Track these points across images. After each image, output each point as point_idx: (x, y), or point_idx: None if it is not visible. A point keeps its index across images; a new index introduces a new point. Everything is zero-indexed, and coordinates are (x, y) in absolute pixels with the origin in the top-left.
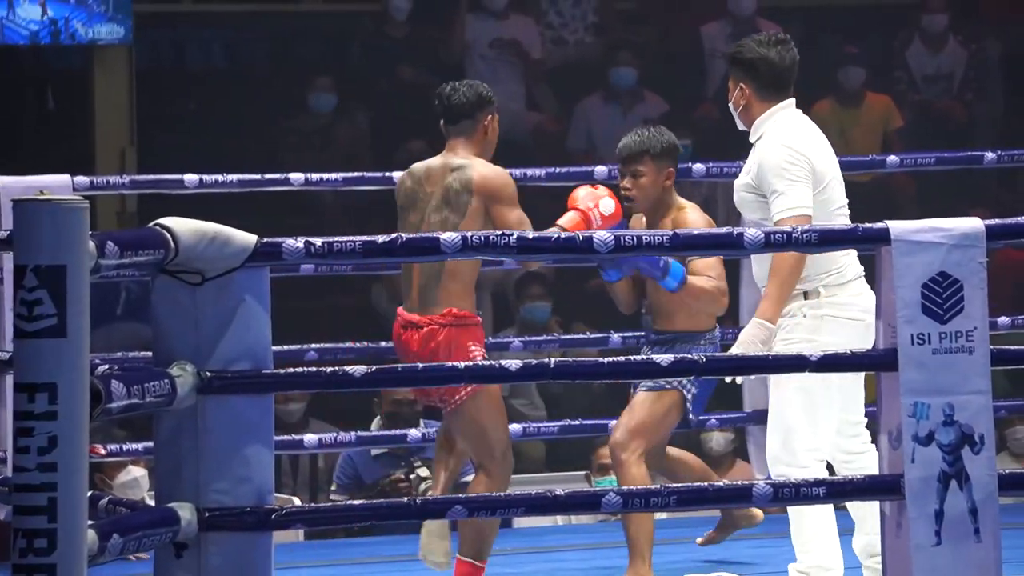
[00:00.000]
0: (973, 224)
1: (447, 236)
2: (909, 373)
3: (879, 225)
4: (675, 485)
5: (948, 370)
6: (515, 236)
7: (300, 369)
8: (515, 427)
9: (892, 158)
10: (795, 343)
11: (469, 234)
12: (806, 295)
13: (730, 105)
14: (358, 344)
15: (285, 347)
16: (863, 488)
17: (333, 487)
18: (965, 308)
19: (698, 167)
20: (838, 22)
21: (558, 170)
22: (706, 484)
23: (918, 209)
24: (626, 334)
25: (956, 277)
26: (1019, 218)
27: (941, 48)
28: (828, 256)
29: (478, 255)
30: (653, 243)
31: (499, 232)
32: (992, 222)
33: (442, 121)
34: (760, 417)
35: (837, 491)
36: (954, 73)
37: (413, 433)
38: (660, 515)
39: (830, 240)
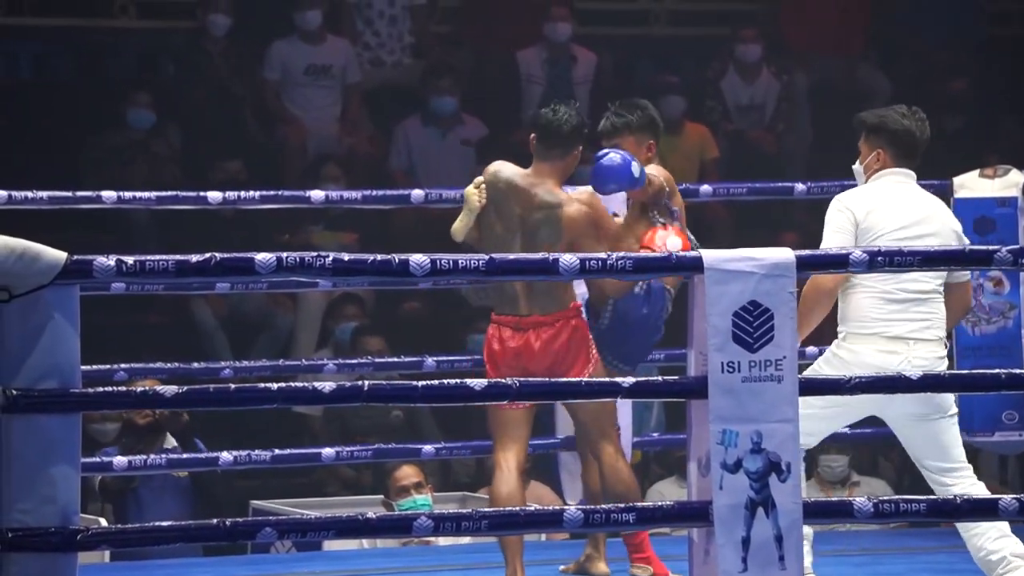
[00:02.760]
0: (784, 254)
1: (262, 257)
2: (718, 400)
3: (692, 254)
4: (487, 510)
5: (757, 398)
6: (331, 258)
7: (109, 388)
8: (328, 451)
9: (706, 187)
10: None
11: (284, 255)
12: (839, 336)
13: (859, 166)
14: (168, 365)
15: (94, 367)
16: (672, 515)
17: None
18: (775, 337)
19: None
20: (653, 51)
21: (375, 192)
22: (518, 509)
23: (733, 237)
24: (440, 358)
25: (767, 306)
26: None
27: (755, 79)
28: (856, 309)
29: (293, 276)
30: (469, 267)
31: (315, 254)
32: (802, 252)
33: (534, 137)
34: (570, 443)
35: (647, 517)
36: (766, 104)
37: None
38: None
39: (644, 268)
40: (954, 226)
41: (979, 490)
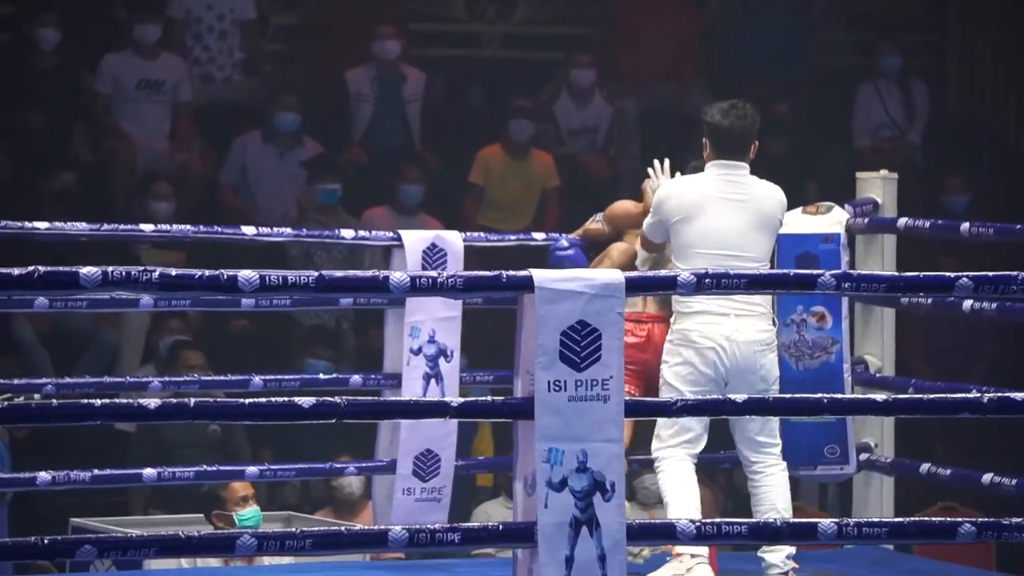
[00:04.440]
0: (613, 275)
1: (87, 271)
2: (544, 419)
3: (523, 273)
4: (312, 529)
5: (582, 417)
6: (158, 272)
7: None
8: (150, 471)
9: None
10: (662, 364)
11: (110, 269)
12: (670, 325)
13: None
14: None
15: None
16: (497, 535)
17: None
18: (602, 357)
19: (347, 232)
20: (485, 73)
21: (205, 228)
22: (342, 528)
23: None
24: (267, 376)
25: (595, 326)
26: (656, 271)
27: (588, 103)
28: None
29: (118, 290)
30: (299, 283)
31: (141, 268)
32: (631, 274)
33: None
34: (390, 467)
35: (472, 537)
36: (599, 128)
37: None
38: None
39: (475, 286)
40: (770, 216)
41: (782, 471)
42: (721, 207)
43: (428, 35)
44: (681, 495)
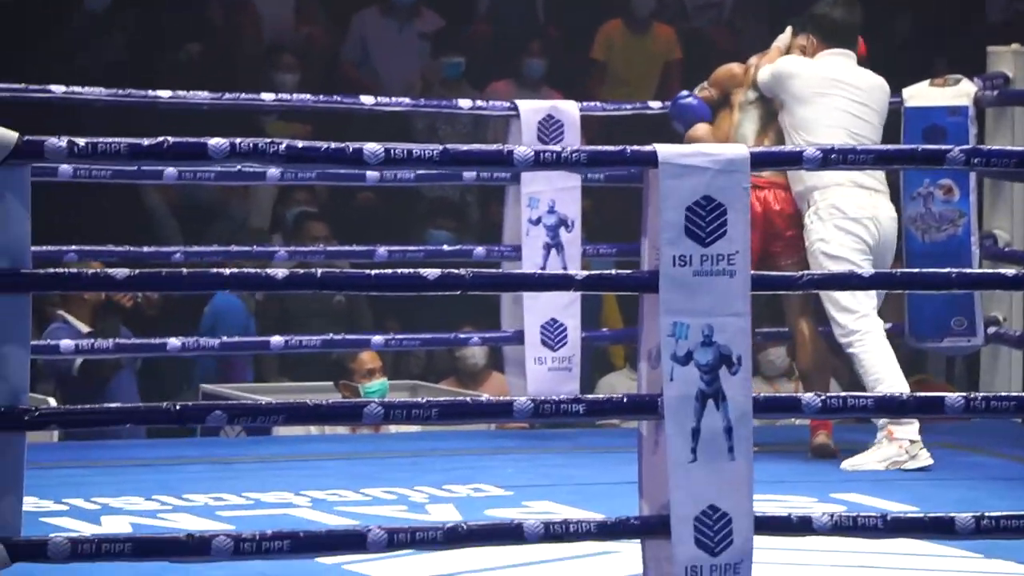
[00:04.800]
0: (738, 150)
1: (215, 142)
2: (669, 294)
3: (647, 148)
4: (438, 399)
5: (708, 292)
6: (284, 145)
7: (59, 270)
8: (277, 339)
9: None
10: (814, 244)
11: (238, 141)
12: (808, 204)
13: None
14: (119, 248)
15: (44, 247)
16: (622, 407)
17: None
18: (728, 232)
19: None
20: None
21: (324, 97)
22: (468, 399)
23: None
24: (392, 248)
25: (720, 201)
26: (781, 147)
27: None
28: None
29: (245, 162)
30: (424, 156)
31: (268, 140)
32: (757, 150)
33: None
34: (519, 337)
35: (597, 409)
36: (724, 1)
37: None
38: None
39: (598, 161)
40: (882, 104)
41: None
42: (839, 95)
43: None
44: (891, 373)
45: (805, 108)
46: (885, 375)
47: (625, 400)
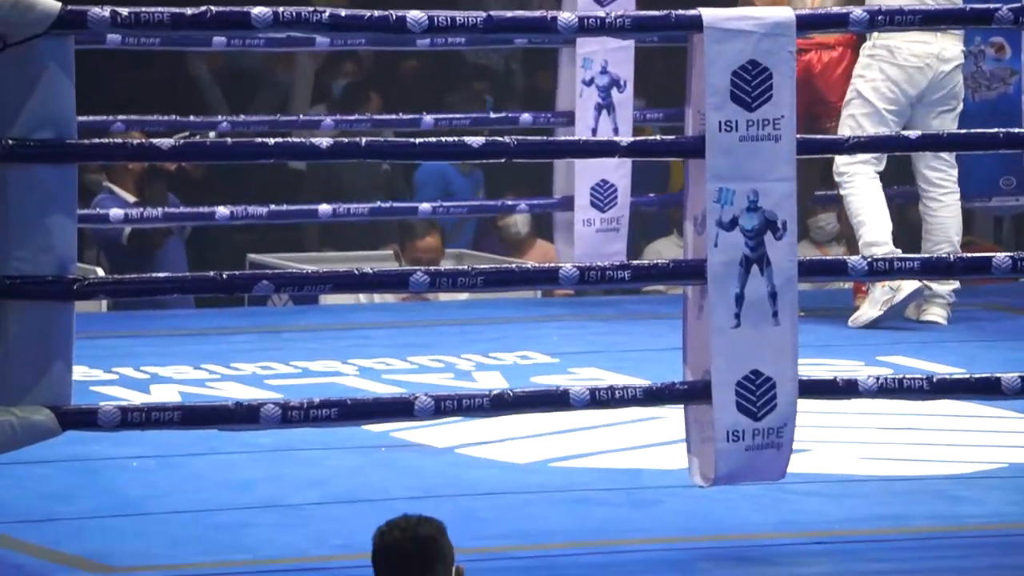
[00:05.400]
0: (784, 13)
1: (258, 11)
2: (715, 159)
3: (692, 12)
4: (483, 266)
5: (754, 157)
6: (327, 13)
7: (104, 140)
8: (325, 207)
9: None
10: (855, 77)
11: (281, 10)
12: (867, 37)
13: None
14: (165, 118)
15: (90, 117)
16: (667, 273)
17: None
18: (774, 96)
19: None
20: None
21: None
22: (513, 266)
23: None
24: (438, 115)
25: (766, 66)
26: (829, 8)
27: None
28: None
29: (289, 31)
30: (468, 24)
31: (312, 9)
32: (802, 12)
33: None
34: (567, 204)
35: (643, 275)
36: None
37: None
38: None
39: (643, 26)
40: None
41: (956, 200)
42: None
43: None
44: (874, 215)
45: None
46: (867, 219)
47: (671, 266)
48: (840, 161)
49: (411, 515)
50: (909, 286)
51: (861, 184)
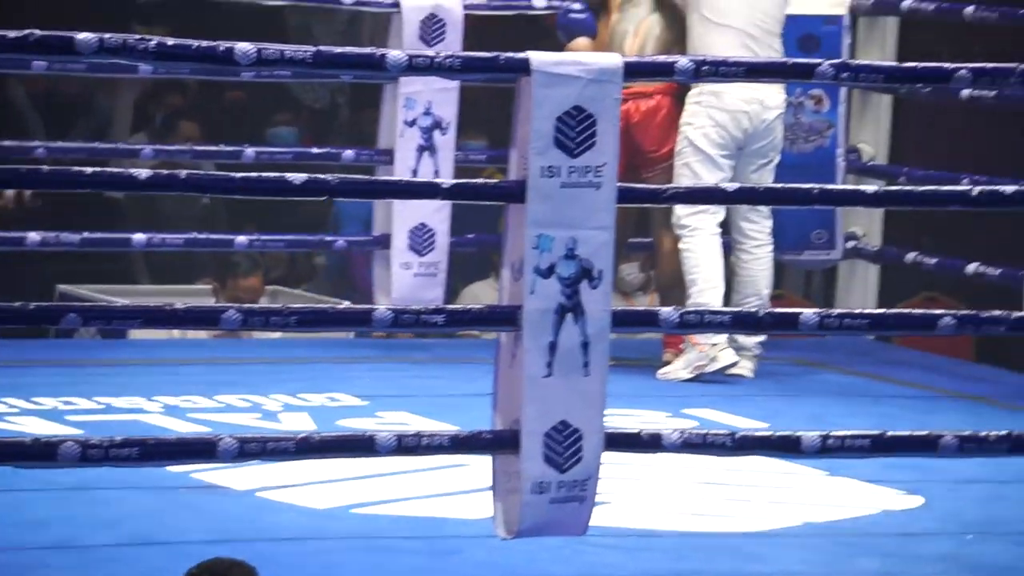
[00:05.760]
0: (611, 60)
1: (83, 37)
2: (536, 205)
3: (520, 55)
4: (297, 306)
5: (575, 204)
6: (154, 42)
7: None
8: (140, 237)
9: None
10: (683, 126)
11: (107, 36)
12: (693, 86)
13: None
14: None
15: None
16: (482, 318)
17: None
18: (597, 143)
19: None
20: None
21: None
22: (328, 307)
23: None
24: (260, 148)
25: (591, 112)
26: (655, 57)
27: None
28: (713, 47)
29: (114, 58)
30: (296, 58)
31: (138, 37)
32: (630, 59)
33: None
34: (385, 241)
35: (457, 319)
36: None
37: None
38: None
39: (472, 67)
40: None
41: (769, 252)
42: None
43: None
44: (708, 277)
45: None
46: (700, 279)
47: (486, 311)
48: (681, 212)
49: (223, 557)
50: (725, 358)
51: (701, 241)
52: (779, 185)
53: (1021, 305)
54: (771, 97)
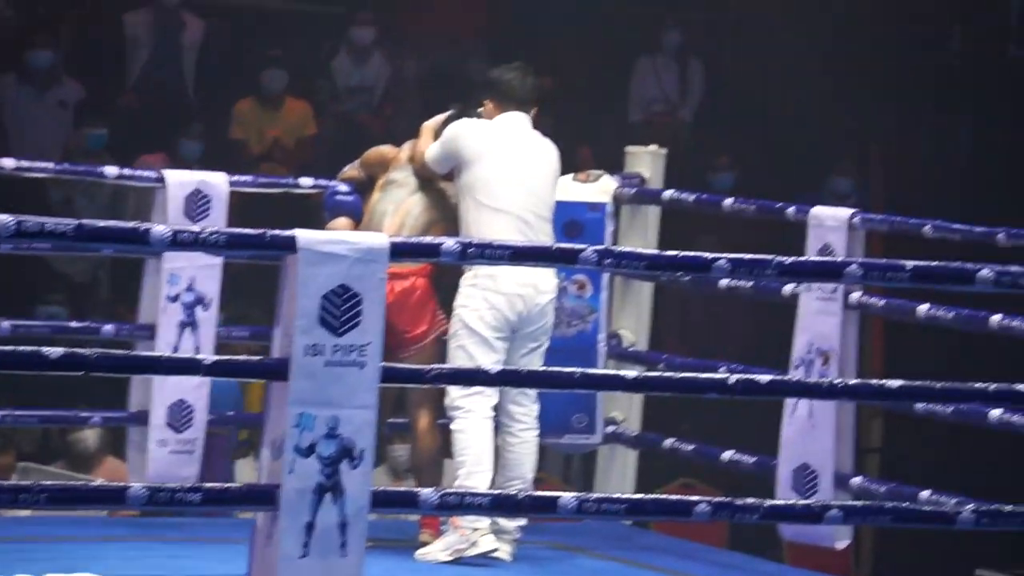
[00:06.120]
0: (378, 239)
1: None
2: (299, 383)
3: (287, 233)
4: (48, 483)
5: (338, 383)
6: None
7: None
8: None
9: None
10: (457, 308)
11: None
12: (466, 268)
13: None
14: None
15: None
16: (239, 497)
17: None
18: (362, 323)
19: (111, 170)
20: (265, 24)
21: None
22: (81, 483)
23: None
24: (16, 322)
25: (356, 291)
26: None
27: (366, 62)
28: (488, 229)
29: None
30: (57, 231)
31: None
32: (397, 240)
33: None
34: (142, 419)
35: (214, 498)
36: (376, 87)
37: None
38: None
39: (238, 244)
40: (555, 165)
41: (535, 436)
42: (515, 151)
43: None
44: (476, 462)
45: (479, 166)
46: (470, 460)
47: (243, 490)
48: (455, 394)
49: None
50: (486, 544)
51: (473, 423)
52: (541, 369)
53: (774, 493)
54: (544, 281)
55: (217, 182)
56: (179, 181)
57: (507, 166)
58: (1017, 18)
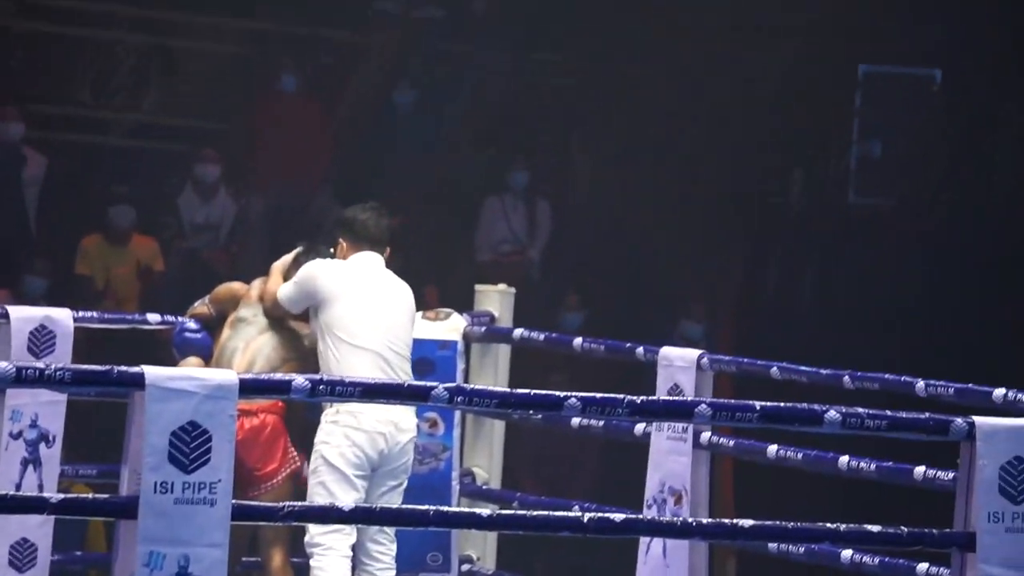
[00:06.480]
0: (227, 376)
1: None
2: (148, 521)
3: (134, 369)
4: None
5: (188, 521)
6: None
7: None
8: None
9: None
10: (318, 444)
11: None
12: (327, 405)
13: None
14: None
15: None
16: None
17: None
18: (212, 460)
19: None
20: (110, 160)
21: None
22: None
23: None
24: None
25: (206, 428)
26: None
27: (212, 198)
28: (349, 367)
29: None
30: None
31: None
32: (246, 376)
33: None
34: None
35: None
36: (222, 224)
37: None
38: None
39: (84, 380)
40: (411, 304)
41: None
42: (371, 290)
43: (53, 119)
44: None
45: (338, 305)
46: None
47: None
48: (314, 531)
49: None
50: None
51: (332, 561)
52: (394, 506)
53: None
54: (405, 420)
55: (62, 318)
56: (23, 316)
57: (365, 305)
58: (856, 163)
